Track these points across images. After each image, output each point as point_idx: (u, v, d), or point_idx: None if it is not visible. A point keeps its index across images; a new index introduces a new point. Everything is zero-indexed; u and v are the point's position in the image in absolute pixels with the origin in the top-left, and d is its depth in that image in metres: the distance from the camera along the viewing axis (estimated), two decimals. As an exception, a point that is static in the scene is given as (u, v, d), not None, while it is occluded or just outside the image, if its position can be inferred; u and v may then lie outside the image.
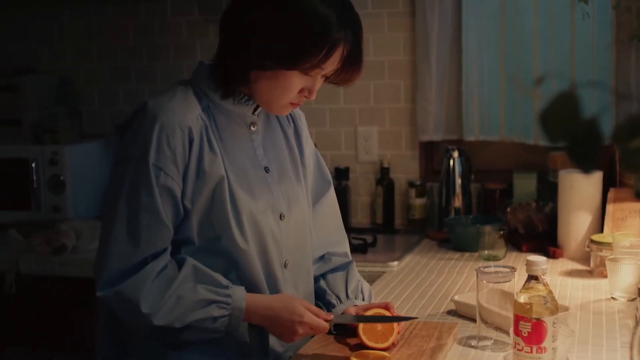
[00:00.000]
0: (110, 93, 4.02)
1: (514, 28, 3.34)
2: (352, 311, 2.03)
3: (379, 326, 1.95)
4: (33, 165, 3.56)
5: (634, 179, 0.84)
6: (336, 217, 2.26)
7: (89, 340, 3.13)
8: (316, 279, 2.16)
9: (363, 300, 2.14)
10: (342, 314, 2.05)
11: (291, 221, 2.01)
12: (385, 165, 3.65)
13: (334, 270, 2.18)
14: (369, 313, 1.99)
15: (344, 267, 2.19)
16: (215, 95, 1.91)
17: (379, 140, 3.68)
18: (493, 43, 3.40)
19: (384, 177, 3.65)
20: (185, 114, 1.85)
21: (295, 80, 1.86)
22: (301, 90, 1.89)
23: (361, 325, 1.95)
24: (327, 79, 1.93)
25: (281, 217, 1.99)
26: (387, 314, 1.98)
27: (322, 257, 2.18)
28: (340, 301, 2.11)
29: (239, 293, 1.86)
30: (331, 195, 2.23)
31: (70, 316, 3.21)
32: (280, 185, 2.00)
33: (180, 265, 1.85)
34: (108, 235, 1.82)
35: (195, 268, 1.84)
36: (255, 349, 1.96)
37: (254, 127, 1.98)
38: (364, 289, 2.17)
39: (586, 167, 0.86)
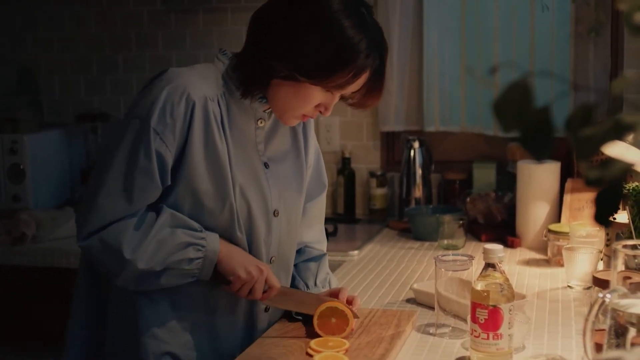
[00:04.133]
0: (72, 83, 4.00)
1: (474, 19, 3.38)
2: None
3: (333, 319, 1.97)
4: (-7, 154, 3.54)
5: (585, 168, 0.86)
6: (321, 221, 2.28)
7: (49, 330, 3.13)
8: None
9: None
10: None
11: (283, 219, 2.03)
12: (347, 155, 3.67)
13: (307, 260, 2.20)
14: (324, 306, 1.99)
15: (317, 258, 2.21)
16: (237, 92, 1.90)
17: (341, 130, 3.70)
18: (454, 34, 3.43)
19: (345, 167, 3.67)
20: (195, 88, 1.84)
21: (316, 95, 1.86)
22: (317, 105, 1.90)
23: (316, 321, 1.97)
24: (342, 98, 1.93)
25: (275, 213, 2.00)
26: (340, 306, 1.99)
27: (298, 250, 2.20)
28: (308, 287, 2.13)
29: (213, 237, 1.87)
30: (322, 198, 2.25)
31: (30, 306, 3.20)
32: (278, 182, 2.01)
33: (157, 212, 1.86)
34: (99, 187, 1.82)
35: (172, 214, 1.86)
36: (225, 305, 1.98)
37: (261, 122, 1.97)
38: (331, 282, 2.20)
39: (539, 156, 0.88)
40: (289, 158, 2.07)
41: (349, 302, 2.03)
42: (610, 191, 0.90)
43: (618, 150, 0.94)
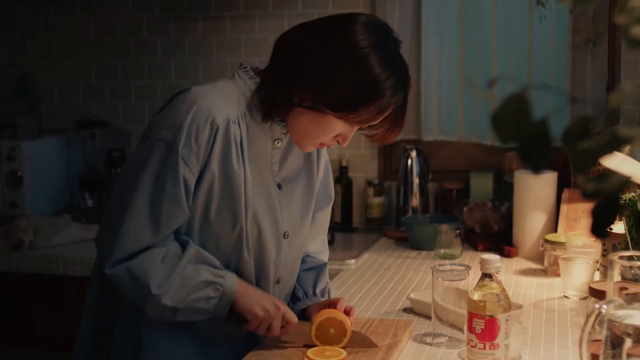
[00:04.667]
0: (71, 89, 4.01)
1: (473, 29, 3.39)
2: (313, 311, 2.05)
3: (331, 329, 1.97)
4: (-9, 160, 3.54)
5: (582, 180, 0.86)
6: (324, 232, 2.27)
7: (46, 336, 3.13)
8: None
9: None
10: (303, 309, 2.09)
11: (293, 240, 2.03)
12: (344, 164, 3.67)
13: (307, 270, 2.19)
14: (322, 317, 2.00)
15: (318, 268, 2.20)
16: (258, 114, 1.89)
17: (339, 139, 3.70)
18: (452, 44, 3.44)
19: (342, 176, 3.67)
20: (221, 113, 1.83)
21: (337, 126, 1.86)
22: (336, 135, 1.89)
23: (314, 331, 1.97)
24: (360, 128, 1.92)
25: (285, 235, 2.00)
26: (339, 316, 1.99)
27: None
28: (307, 297, 2.13)
29: (231, 276, 1.87)
30: (328, 210, 2.24)
31: (28, 312, 3.20)
32: (290, 203, 2.00)
33: (183, 246, 1.86)
34: (125, 212, 1.80)
35: (197, 251, 1.85)
36: (226, 336, 1.98)
37: (278, 143, 1.96)
38: (330, 292, 2.19)
39: (536, 168, 0.89)
40: (301, 176, 2.06)
41: (347, 312, 2.03)
42: (607, 203, 0.91)
43: (615, 162, 0.95)
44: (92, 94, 3.97)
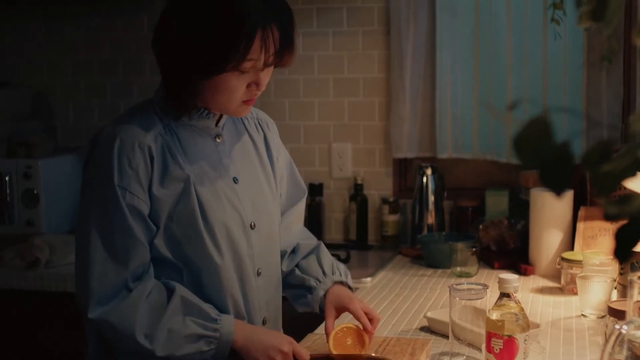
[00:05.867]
0: (86, 108, 4.02)
1: (487, 47, 3.39)
2: (329, 311, 2.05)
3: (349, 340, 1.97)
4: (7, 178, 3.55)
5: (604, 203, 0.86)
6: (300, 221, 2.29)
7: (63, 354, 3.13)
8: (291, 272, 2.18)
9: (340, 275, 2.15)
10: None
11: (262, 230, 2.03)
12: (359, 181, 3.67)
13: (305, 256, 2.20)
14: (339, 327, 2.00)
15: (314, 250, 2.21)
16: (176, 114, 1.92)
17: (353, 156, 3.71)
18: (467, 62, 3.44)
19: (357, 194, 3.67)
20: (144, 134, 1.86)
21: (234, 81, 1.85)
22: (248, 86, 1.88)
23: (331, 341, 1.97)
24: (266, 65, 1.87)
25: (252, 226, 2.00)
26: (355, 327, 2.00)
27: (292, 250, 2.21)
28: (320, 281, 2.12)
29: (227, 326, 1.87)
30: (303, 202, 2.27)
31: (43, 331, 3.21)
32: (249, 194, 2.02)
33: (168, 292, 1.86)
34: (85, 260, 1.83)
35: (183, 299, 1.85)
36: None
37: (219, 138, 1.99)
38: (340, 267, 2.19)
39: (559, 191, 0.89)
40: (257, 169, 2.08)
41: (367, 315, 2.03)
42: (630, 226, 0.90)
43: (638, 184, 0.95)
44: (107, 113, 3.98)
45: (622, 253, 0.91)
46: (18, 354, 3.25)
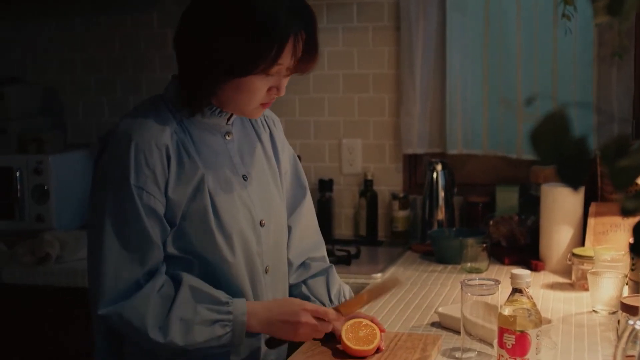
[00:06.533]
0: (96, 104, 4.03)
1: (497, 43, 3.38)
2: (337, 323, 2.06)
3: (362, 332, 1.98)
4: (17, 174, 3.56)
5: (622, 198, 0.86)
6: (313, 221, 2.28)
7: (73, 350, 3.14)
8: (297, 286, 2.18)
9: None
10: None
11: (270, 227, 2.04)
12: (369, 177, 3.67)
13: (314, 276, 2.20)
14: (351, 322, 2.01)
15: (324, 272, 2.21)
16: (188, 111, 1.92)
17: (363, 152, 3.71)
18: (477, 58, 3.44)
19: (367, 190, 3.67)
20: (160, 132, 1.86)
21: (258, 84, 1.86)
22: (269, 90, 1.90)
23: (344, 332, 1.98)
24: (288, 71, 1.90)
25: (261, 223, 2.01)
26: (366, 321, 2.01)
27: (301, 264, 2.21)
28: (324, 305, 2.13)
29: (239, 307, 1.87)
30: (308, 200, 2.25)
31: (54, 326, 3.21)
32: (259, 191, 2.02)
33: (176, 283, 1.86)
34: (99, 259, 1.83)
35: (192, 288, 1.86)
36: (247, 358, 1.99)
37: (229, 136, 2.00)
38: (345, 292, 2.20)
39: (576, 186, 0.89)
40: (264, 166, 2.08)
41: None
42: (647, 221, 0.90)
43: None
44: (117, 109, 3.99)
45: (639, 247, 0.91)
46: (28, 349, 3.26)
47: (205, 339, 1.83)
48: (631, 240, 0.91)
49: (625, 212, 0.91)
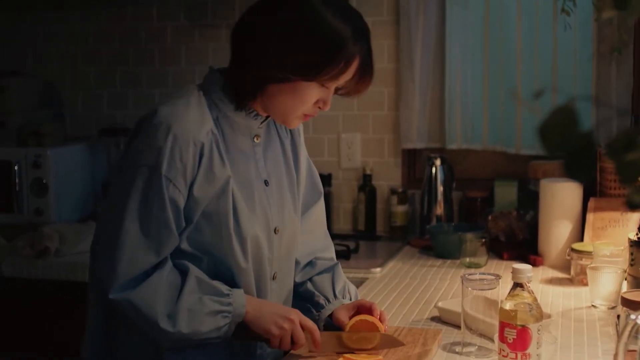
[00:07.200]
0: (95, 97, 4.03)
1: (497, 38, 3.39)
2: (341, 314, 2.06)
3: (363, 331, 1.99)
4: (16, 168, 3.56)
5: (629, 191, 0.86)
6: (323, 225, 2.28)
7: (72, 344, 3.14)
8: (302, 283, 2.19)
9: (350, 299, 2.17)
10: (329, 315, 2.09)
11: (284, 235, 2.03)
12: (368, 172, 3.68)
13: (320, 272, 2.20)
14: (354, 320, 2.02)
15: (330, 269, 2.21)
16: (228, 107, 1.90)
17: (362, 147, 3.71)
18: (477, 52, 3.44)
19: (366, 184, 3.67)
20: (199, 129, 1.84)
21: (313, 92, 1.86)
22: (316, 102, 1.90)
23: (345, 332, 1.99)
24: (336, 89, 1.93)
25: (275, 230, 2.00)
26: (370, 318, 2.02)
27: (308, 263, 2.20)
28: (329, 301, 2.13)
29: (239, 299, 1.87)
30: (321, 204, 2.25)
31: (53, 319, 3.22)
32: (277, 198, 2.02)
33: (182, 273, 1.86)
34: (116, 243, 1.81)
35: (198, 279, 1.86)
36: (242, 352, 1.99)
37: (257, 139, 1.98)
38: (350, 290, 2.20)
39: (583, 179, 0.89)
40: (283, 173, 2.07)
41: (380, 319, 2.04)
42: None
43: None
44: (117, 103, 3.99)
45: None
46: (27, 342, 3.26)
47: (209, 329, 1.83)
48: (637, 233, 0.91)
49: (632, 206, 0.91)
